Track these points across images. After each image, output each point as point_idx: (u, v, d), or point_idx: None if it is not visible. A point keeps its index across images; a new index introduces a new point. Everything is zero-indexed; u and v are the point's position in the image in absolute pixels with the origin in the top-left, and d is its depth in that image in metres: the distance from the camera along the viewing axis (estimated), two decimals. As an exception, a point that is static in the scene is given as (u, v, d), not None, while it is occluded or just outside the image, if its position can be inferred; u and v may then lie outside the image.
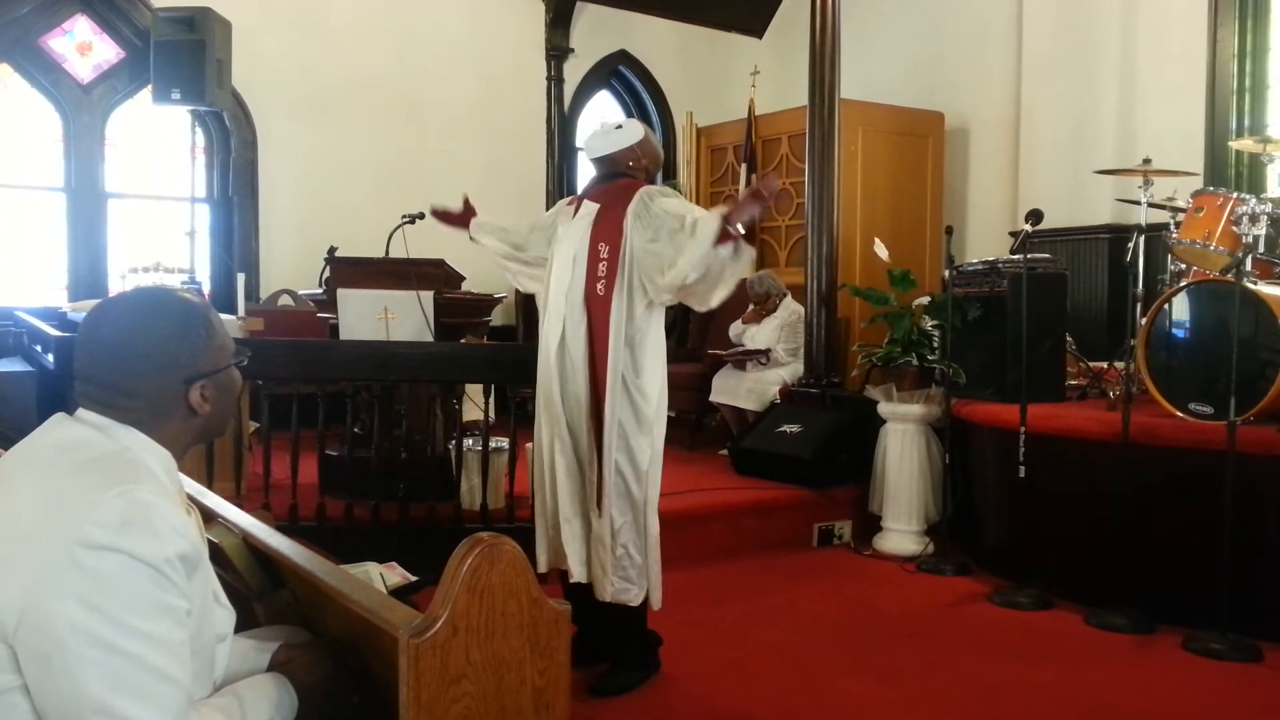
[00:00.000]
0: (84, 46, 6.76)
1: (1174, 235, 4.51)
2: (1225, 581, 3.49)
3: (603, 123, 3.31)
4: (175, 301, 1.48)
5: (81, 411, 1.44)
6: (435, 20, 7.69)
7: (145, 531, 1.28)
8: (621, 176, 3.21)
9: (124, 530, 1.27)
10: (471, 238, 3.49)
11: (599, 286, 3.07)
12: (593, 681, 3.12)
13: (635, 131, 3.26)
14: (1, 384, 4.22)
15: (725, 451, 5.84)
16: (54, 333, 4.43)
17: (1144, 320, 4.19)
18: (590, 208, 3.18)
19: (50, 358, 4.22)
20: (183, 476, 1.60)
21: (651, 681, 3.21)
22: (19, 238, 6.64)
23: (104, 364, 1.43)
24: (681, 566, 4.49)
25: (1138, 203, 4.88)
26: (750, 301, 6.33)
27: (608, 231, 3.09)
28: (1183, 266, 4.59)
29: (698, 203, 8.10)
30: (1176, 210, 4.75)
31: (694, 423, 6.56)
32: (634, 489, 3.11)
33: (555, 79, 8.20)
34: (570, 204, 3.32)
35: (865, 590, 4.31)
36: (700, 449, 6.24)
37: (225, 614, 1.50)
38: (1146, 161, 4.90)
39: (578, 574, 3.15)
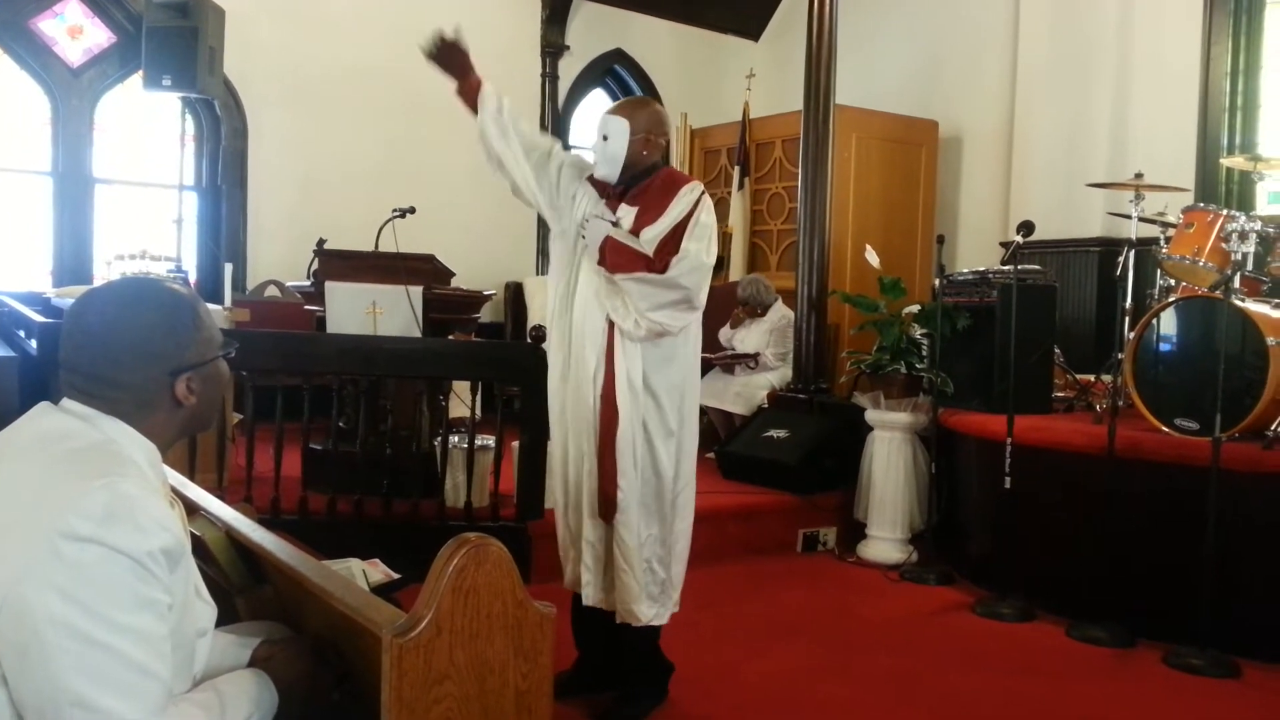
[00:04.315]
0: (75, 30, 6.70)
1: (1164, 250, 4.52)
2: (1206, 597, 3.50)
3: (595, 144, 2.98)
4: (162, 292, 1.46)
5: (66, 401, 1.42)
6: (430, 13, 7.57)
7: (128, 524, 1.26)
8: (646, 173, 2.97)
9: (107, 522, 1.25)
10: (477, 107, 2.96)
11: None
12: (599, 709, 2.97)
13: (621, 128, 2.91)
14: (-17, 368, 4.17)
15: (711, 455, 5.83)
16: (38, 318, 4.38)
17: (1132, 334, 4.21)
18: (627, 213, 2.92)
19: (34, 344, 4.18)
20: (165, 468, 1.58)
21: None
22: (4, 221, 6.57)
23: (89, 354, 1.41)
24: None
25: (1128, 217, 4.90)
26: (738, 304, 6.33)
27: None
28: (1171, 282, 4.61)
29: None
30: (1167, 225, 4.77)
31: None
32: (661, 497, 2.93)
33: (550, 76, 8.17)
34: (595, 188, 3.00)
35: (848, 597, 4.31)
36: (686, 451, 6.23)
37: (207, 609, 1.49)
38: (1138, 176, 4.93)
39: (594, 598, 2.95)
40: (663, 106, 3.20)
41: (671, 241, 2.85)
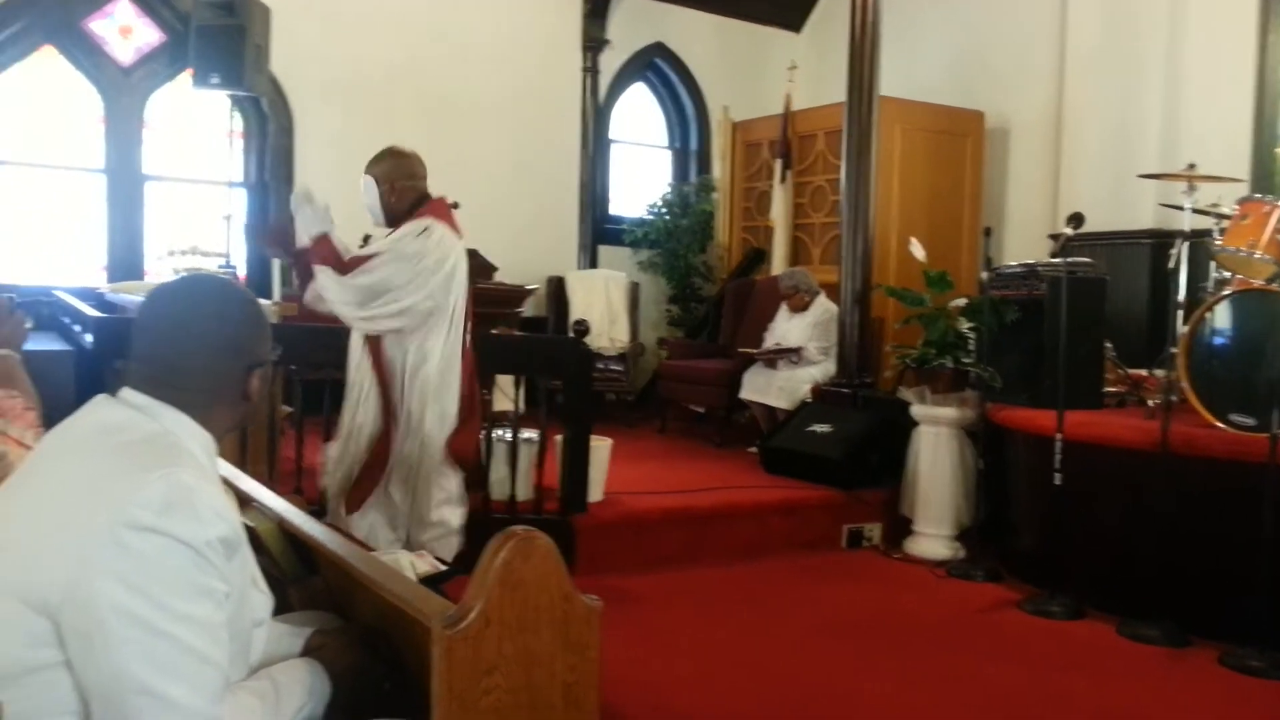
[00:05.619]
0: (125, 29, 6.81)
1: (1217, 242, 4.42)
2: (1264, 596, 3.42)
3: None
4: (240, 290, 1.55)
5: (125, 392, 1.45)
6: (473, 9, 7.69)
7: (187, 514, 1.29)
8: (403, 217, 3.37)
9: (166, 512, 1.28)
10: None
11: None
12: None
13: (368, 185, 3.44)
14: (41, 363, 4.24)
15: (754, 449, 5.81)
16: (93, 313, 4.47)
17: (1185, 328, 4.12)
18: None
19: (89, 338, 4.26)
20: (219, 460, 1.61)
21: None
22: (59, 218, 6.71)
23: (174, 346, 1.45)
24: (707, 564, 4.48)
25: (1181, 208, 4.78)
26: (780, 298, 6.30)
27: None
28: (1226, 274, 4.50)
29: (732, 200, 8.11)
30: (1221, 217, 4.65)
31: (723, 419, 6.53)
32: None
33: (591, 70, 8.17)
34: None
35: (893, 594, 4.27)
36: (729, 446, 6.22)
37: (263, 599, 1.51)
38: (1191, 166, 4.79)
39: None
40: (408, 152, 3.51)
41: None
